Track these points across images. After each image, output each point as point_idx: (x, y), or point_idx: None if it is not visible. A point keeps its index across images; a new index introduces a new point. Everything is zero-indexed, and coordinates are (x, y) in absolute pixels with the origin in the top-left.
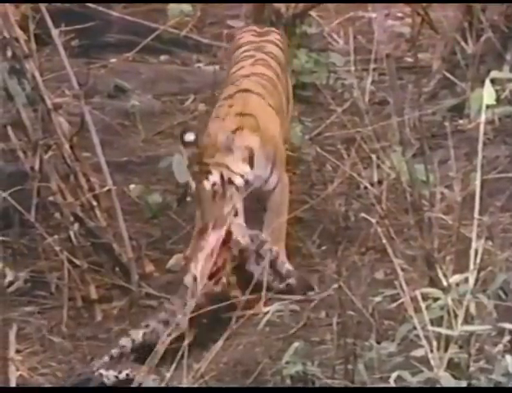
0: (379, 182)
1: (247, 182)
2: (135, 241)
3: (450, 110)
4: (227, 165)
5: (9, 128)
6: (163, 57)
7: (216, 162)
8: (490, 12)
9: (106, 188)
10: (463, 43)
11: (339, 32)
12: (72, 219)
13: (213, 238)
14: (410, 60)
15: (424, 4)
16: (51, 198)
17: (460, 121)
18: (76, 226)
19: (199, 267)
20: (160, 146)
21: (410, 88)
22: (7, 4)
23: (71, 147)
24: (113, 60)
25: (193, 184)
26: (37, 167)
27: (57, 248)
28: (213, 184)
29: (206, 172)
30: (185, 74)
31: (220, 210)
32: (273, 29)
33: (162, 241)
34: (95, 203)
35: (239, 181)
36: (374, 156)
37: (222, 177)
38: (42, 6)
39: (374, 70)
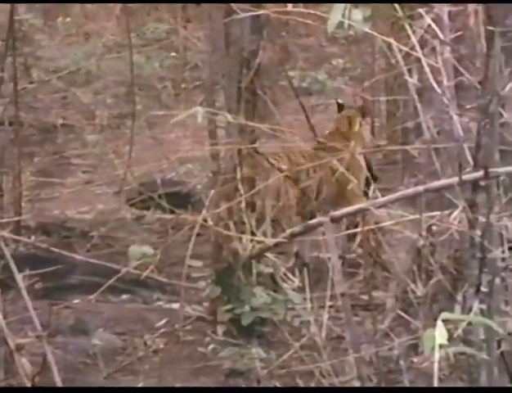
0: None
1: None
2: None
3: (406, 346)
4: None
5: None
6: (124, 296)
7: None
8: (439, 255)
9: None
10: (412, 285)
11: (294, 271)
12: None
13: None
14: (365, 298)
15: (376, 246)
16: None
17: (415, 359)
18: None
19: None
20: (121, 383)
21: (366, 324)
22: None
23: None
24: (76, 301)
25: None
26: None
27: None
28: None
29: None
30: (146, 312)
31: None
32: None
33: None
34: None
35: None
36: None
37: None
38: (7, 252)
39: (330, 307)
